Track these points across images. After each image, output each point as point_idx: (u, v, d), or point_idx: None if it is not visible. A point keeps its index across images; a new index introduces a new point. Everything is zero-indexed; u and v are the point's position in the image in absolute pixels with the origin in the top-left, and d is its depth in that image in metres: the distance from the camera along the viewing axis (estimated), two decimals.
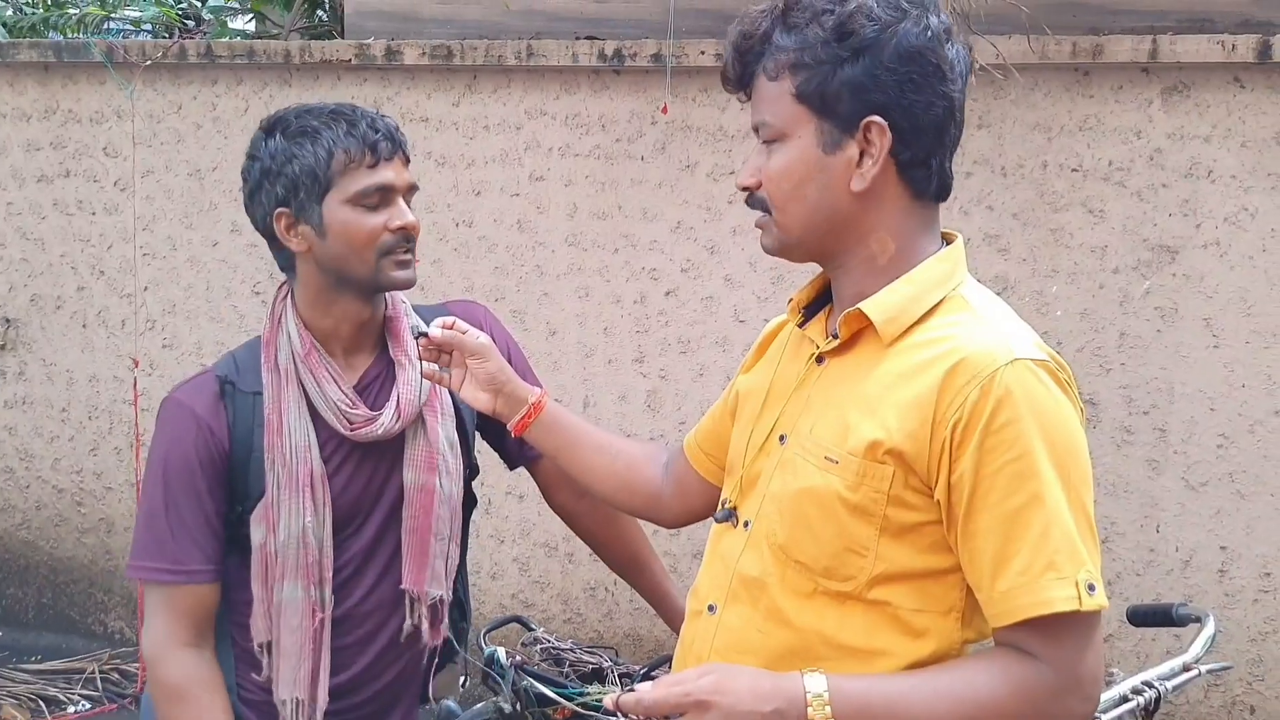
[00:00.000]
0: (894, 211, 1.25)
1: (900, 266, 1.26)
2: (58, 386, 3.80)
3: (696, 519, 1.57)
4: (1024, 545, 1.14)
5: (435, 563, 1.66)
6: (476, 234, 3.29)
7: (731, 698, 1.14)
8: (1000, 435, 1.15)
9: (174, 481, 1.58)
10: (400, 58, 3.27)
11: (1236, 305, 2.70)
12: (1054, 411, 1.17)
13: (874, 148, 1.22)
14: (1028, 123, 2.81)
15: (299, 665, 1.59)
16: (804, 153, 1.24)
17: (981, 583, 1.18)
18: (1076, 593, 1.13)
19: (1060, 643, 1.15)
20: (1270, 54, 2.59)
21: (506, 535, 3.36)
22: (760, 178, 1.27)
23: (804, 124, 1.24)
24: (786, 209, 1.26)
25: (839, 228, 1.26)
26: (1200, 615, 1.86)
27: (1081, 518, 1.16)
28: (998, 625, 1.18)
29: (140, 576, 1.61)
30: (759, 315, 3.07)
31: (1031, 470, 1.14)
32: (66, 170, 3.71)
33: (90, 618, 3.86)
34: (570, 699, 1.72)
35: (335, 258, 1.58)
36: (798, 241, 1.28)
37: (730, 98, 2.98)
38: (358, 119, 1.59)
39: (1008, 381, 1.15)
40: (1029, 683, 1.15)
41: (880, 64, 1.20)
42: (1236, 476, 2.73)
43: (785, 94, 1.24)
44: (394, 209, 1.58)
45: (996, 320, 1.23)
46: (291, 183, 1.57)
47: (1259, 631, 2.74)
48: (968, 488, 1.16)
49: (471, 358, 1.57)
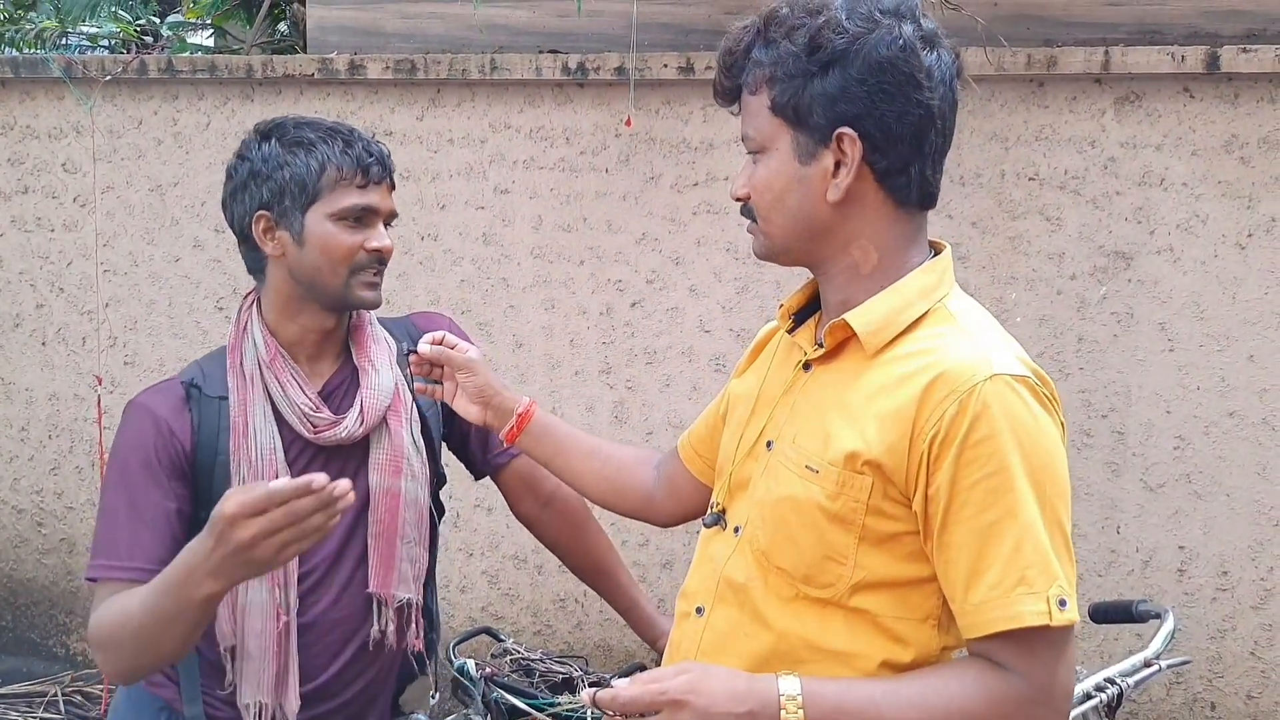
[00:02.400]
0: (875, 220, 1.27)
1: (885, 275, 1.28)
2: (16, 405, 3.75)
3: (689, 519, 1.59)
4: (997, 559, 1.16)
5: (402, 565, 1.67)
6: (442, 247, 3.30)
7: (706, 698, 1.15)
8: (977, 450, 1.16)
9: (133, 480, 1.57)
10: (364, 72, 3.27)
11: (1190, 310, 2.76)
12: (1031, 427, 1.18)
13: (847, 158, 1.24)
14: (985, 133, 2.86)
15: (263, 669, 1.58)
16: (782, 164, 1.27)
17: (955, 594, 1.19)
18: (1047, 608, 1.14)
19: (1032, 655, 1.17)
20: (1218, 64, 2.66)
21: (475, 548, 3.36)
22: (750, 189, 1.30)
23: (781, 136, 1.26)
24: (770, 218, 1.29)
25: (819, 236, 1.28)
26: (1160, 612, 1.90)
27: (1056, 533, 1.18)
28: (970, 637, 1.20)
29: (95, 575, 1.57)
30: (724, 325, 3.09)
31: (1007, 485, 1.16)
32: (25, 187, 3.67)
33: (52, 639, 3.80)
34: (541, 709, 1.73)
35: (309, 268, 1.61)
36: (782, 249, 1.32)
37: (693, 110, 3.04)
38: (354, 139, 1.63)
39: (986, 397, 1.16)
40: (1000, 694, 1.17)
41: (850, 76, 1.22)
42: (1193, 477, 2.78)
43: (763, 107, 1.27)
44: (372, 231, 1.63)
45: (979, 334, 1.24)
46: (279, 188, 1.60)
47: (1218, 629, 2.80)
48: (944, 501, 1.18)
49: (459, 372, 1.60)
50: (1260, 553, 2.75)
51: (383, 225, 1.65)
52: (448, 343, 1.62)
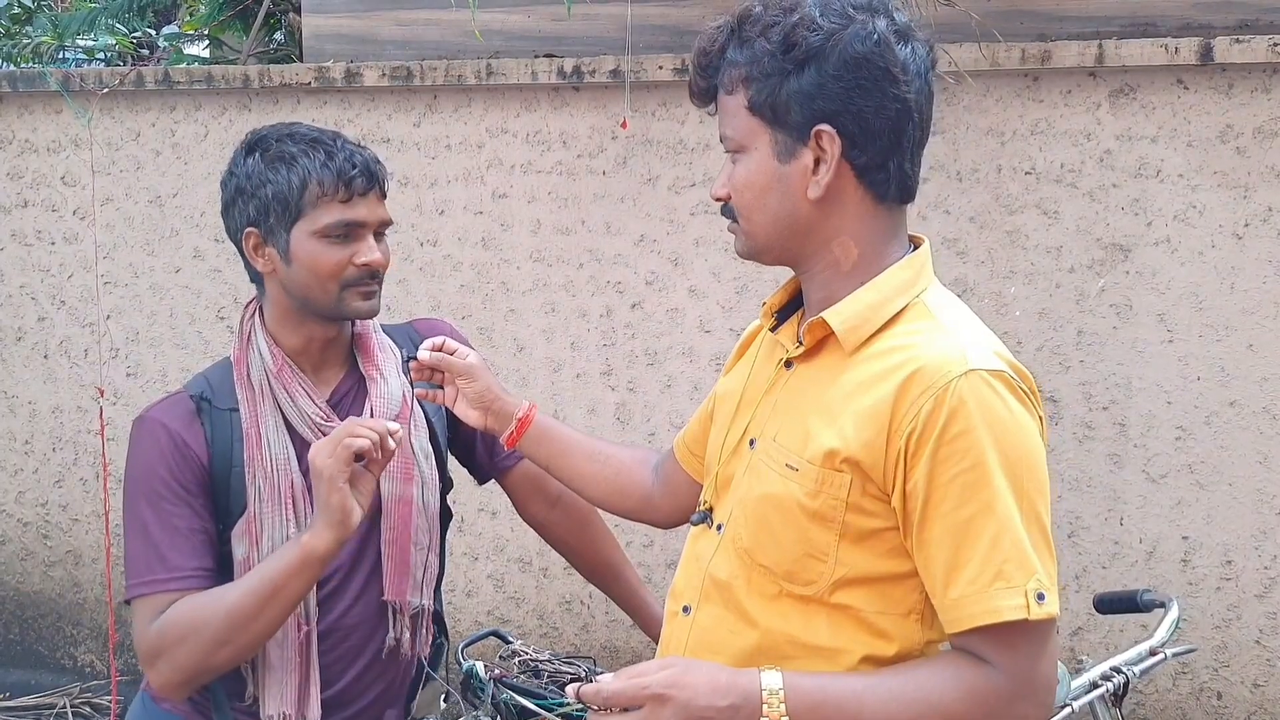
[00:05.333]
0: (856, 216, 1.27)
1: (865, 271, 1.28)
2: (20, 419, 3.76)
3: (688, 519, 1.60)
4: (974, 554, 1.16)
5: (416, 572, 1.67)
6: (441, 253, 3.30)
7: (689, 692, 1.16)
8: (953, 445, 1.16)
9: (158, 496, 1.55)
10: (360, 79, 3.28)
11: (1188, 300, 2.77)
12: (1007, 422, 1.18)
13: (826, 155, 1.24)
14: (981, 128, 2.87)
15: (285, 679, 1.58)
16: (762, 163, 1.27)
17: (935, 590, 1.20)
18: (1025, 601, 1.14)
19: (1013, 649, 1.17)
20: (1212, 56, 2.67)
21: (480, 552, 3.36)
22: (730, 189, 1.31)
23: (759, 135, 1.26)
24: (751, 218, 1.30)
25: (801, 234, 1.28)
26: (1165, 600, 1.91)
27: (1034, 527, 1.18)
28: (951, 631, 1.20)
29: (141, 592, 1.54)
30: (724, 325, 3.10)
31: (983, 480, 1.16)
32: (24, 200, 3.68)
33: (60, 652, 3.81)
34: (550, 709, 1.73)
35: (299, 285, 1.59)
36: (764, 248, 1.32)
37: (690, 111, 3.05)
38: (336, 150, 1.58)
39: (961, 392, 1.17)
40: (982, 688, 1.17)
41: (826, 73, 1.22)
42: (1195, 467, 2.79)
43: (740, 107, 1.27)
44: (362, 244, 1.58)
45: (956, 329, 1.24)
46: (263, 205, 1.57)
47: (1222, 619, 2.80)
48: (921, 497, 1.18)
49: (459, 378, 1.61)
50: (1264, 541, 2.76)
51: (373, 237, 1.60)
52: (447, 348, 1.62)
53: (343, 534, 1.48)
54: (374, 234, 1.61)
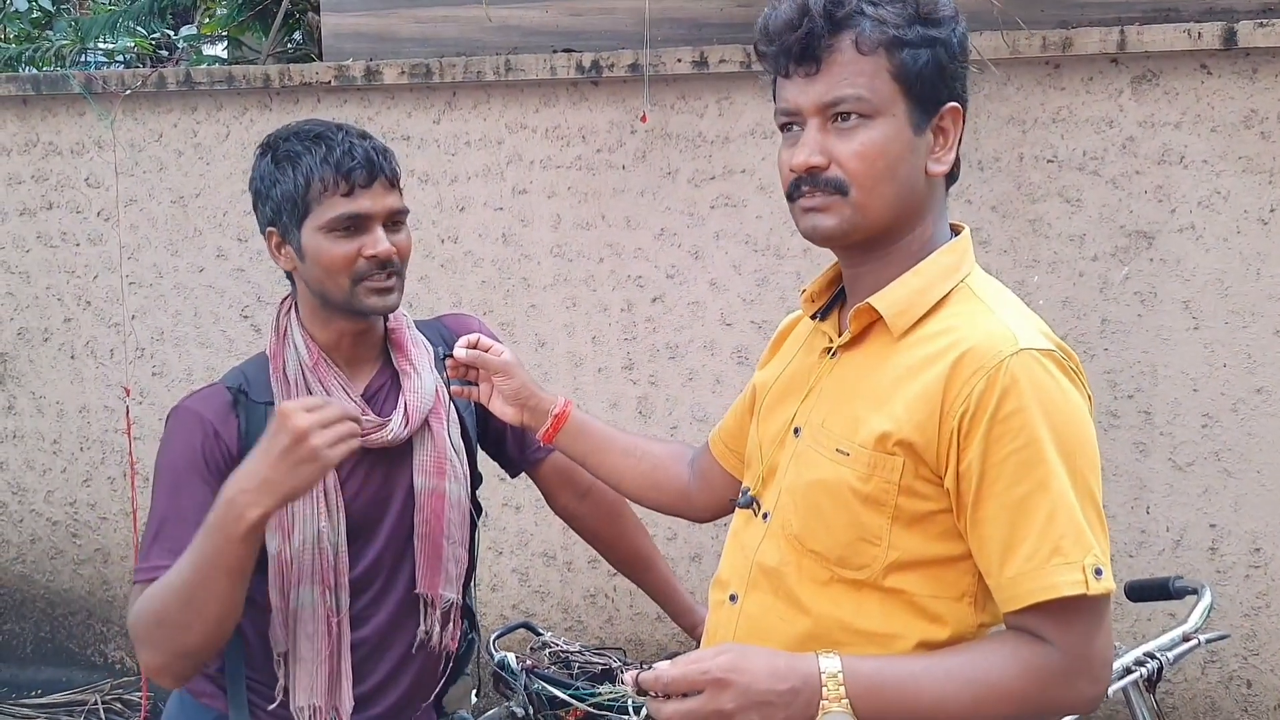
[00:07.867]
0: (939, 198, 1.31)
1: (915, 256, 1.29)
2: (48, 419, 3.80)
3: (725, 513, 1.60)
4: (1030, 532, 1.16)
5: (448, 565, 1.68)
6: (462, 249, 3.32)
7: (748, 676, 1.16)
8: (1006, 424, 1.16)
9: (180, 484, 1.56)
10: (380, 78, 3.29)
11: (1214, 287, 2.75)
12: (1059, 400, 1.18)
13: (950, 133, 1.27)
14: (1002, 116, 2.86)
15: (315, 671, 1.59)
16: (899, 132, 1.24)
17: (990, 569, 1.20)
18: (1083, 577, 1.15)
19: (1069, 626, 1.17)
20: (1235, 40, 2.65)
21: (505, 546, 3.38)
22: (828, 156, 1.24)
23: (898, 103, 1.24)
24: (875, 189, 1.24)
25: (910, 210, 1.27)
26: (1196, 587, 1.90)
27: (1088, 503, 1.18)
28: (1007, 610, 1.20)
29: (141, 578, 1.53)
30: (745, 318, 3.10)
31: (1037, 458, 1.16)
32: (49, 202, 3.71)
33: (90, 649, 3.85)
34: (581, 700, 1.75)
35: (315, 281, 1.60)
36: (874, 222, 1.26)
37: (709, 104, 3.05)
38: (336, 144, 1.57)
39: (1013, 371, 1.17)
40: (1039, 665, 1.17)
41: (951, 52, 1.26)
42: (1222, 455, 2.77)
43: (881, 70, 1.23)
44: (370, 236, 1.57)
45: (1003, 311, 1.25)
46: (276, 206, 1.59)
47: (1251, 606, 2.79)
48: (975, 476, 1.18)
49: (496, 375, 1.62)
50: None
51: (381, 228, 1.58)
52: (482, 346, 1.63)
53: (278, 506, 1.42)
54: (385, 224, 1.59)
